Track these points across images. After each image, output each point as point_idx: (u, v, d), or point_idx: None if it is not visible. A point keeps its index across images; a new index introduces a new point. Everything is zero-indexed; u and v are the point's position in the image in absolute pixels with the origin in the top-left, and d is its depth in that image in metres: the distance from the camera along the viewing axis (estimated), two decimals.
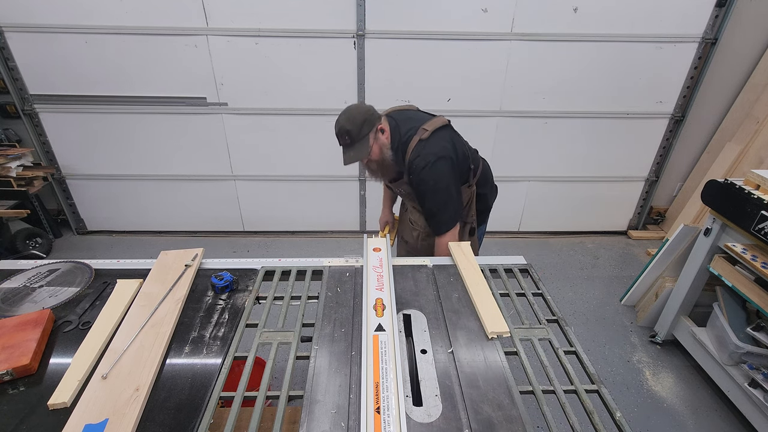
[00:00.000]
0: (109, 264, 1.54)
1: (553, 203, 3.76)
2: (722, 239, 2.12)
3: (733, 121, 3.38)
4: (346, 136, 1.61)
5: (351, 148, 1.64)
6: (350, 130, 1.60)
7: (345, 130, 1.60)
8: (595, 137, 3.47)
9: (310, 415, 0.96)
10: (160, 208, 3.66)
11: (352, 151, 1.64)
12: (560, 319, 1.33)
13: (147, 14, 2.87)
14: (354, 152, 1.64)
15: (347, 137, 1.61)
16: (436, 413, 0.97)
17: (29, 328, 1.16)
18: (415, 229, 1.98)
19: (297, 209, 3.71)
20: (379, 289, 1.32)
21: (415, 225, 1.97)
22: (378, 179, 1.83)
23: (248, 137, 3.36)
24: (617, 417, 1.00)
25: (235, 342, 1.18)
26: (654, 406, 2.22)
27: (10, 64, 3.00)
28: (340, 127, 1.61)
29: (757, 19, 3.10)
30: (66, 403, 0.98)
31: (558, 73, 3.18)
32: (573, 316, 2.87)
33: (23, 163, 3.20)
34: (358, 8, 2.90)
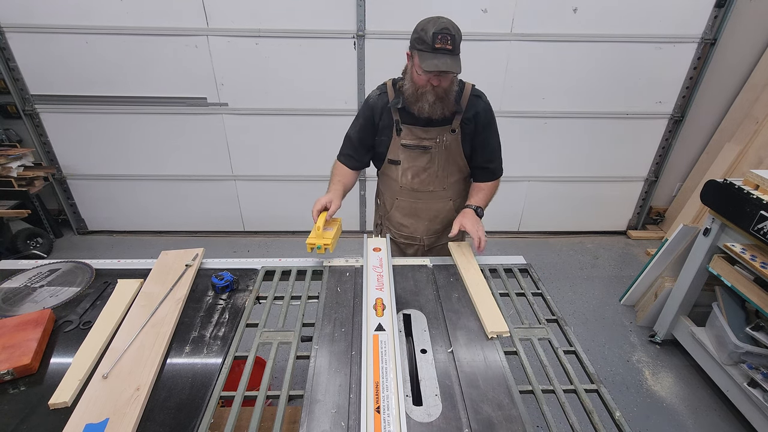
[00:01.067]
0: (110, 264, 1.54)
1: (553, 203, 3.76)
2: (721, 239, 2.12)
3: (733, 122, 3.38)
4: (449, 39, 1.34)
5: (450, 55, 1.36)
6: (455, 36, 1.35)
7: (451, 34, 1.34)
8: (594, 137, 3.47)
9: (310, 414, 0.97)
10: (161, 208, 3.67)
11: (451, 59, 1.36)
12: (560, 319, 1.33)
13: (147, 14, 2.87)
14: (453, 61, 1.36)
15: (450, 41, 1.34)
16: (436, 413, 0.97)
17: (30, 328, 1.16)
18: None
19: (297, 209, 3.71)
20: (379, 289, 1.33)
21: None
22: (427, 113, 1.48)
23: (248, 137, 3.36)
24: (617, 416, 1.00)
25: (235, 342, 1.18)
26: (653, 406, 2.22)
27: (11, 65, 3.00)
28: (445, 27, 1.34)
29: (756, 20, 3.10)
30: (67, 403, 0.99)
31: (558, 73, 3.18)
32: (573, 316, 2.87)
33: (24, 163, 3.20)
34: (358, 8, 2.90)
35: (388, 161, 1.67)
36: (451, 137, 1.59)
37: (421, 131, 1.57)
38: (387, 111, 1.59)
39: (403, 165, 1.64)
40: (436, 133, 1.57)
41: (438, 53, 1.34)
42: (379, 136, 1.64)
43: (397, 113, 1.58)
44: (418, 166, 1.63)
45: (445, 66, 1.34)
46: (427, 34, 1.34)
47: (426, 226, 1.77)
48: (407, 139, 1.59)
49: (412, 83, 1.47)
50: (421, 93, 1.45)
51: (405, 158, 1.63)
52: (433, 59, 1.35)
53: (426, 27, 1.36)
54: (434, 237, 1.82)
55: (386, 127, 1.61)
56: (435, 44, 1.34)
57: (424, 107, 1.47)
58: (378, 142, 1.65)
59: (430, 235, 1.80)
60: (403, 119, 1.58)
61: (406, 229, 1.80)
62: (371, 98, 1.62)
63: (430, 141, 1.58)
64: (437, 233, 1.81)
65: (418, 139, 1.59)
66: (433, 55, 1.35)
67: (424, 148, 1.59)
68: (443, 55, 1.35)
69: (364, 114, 1.64)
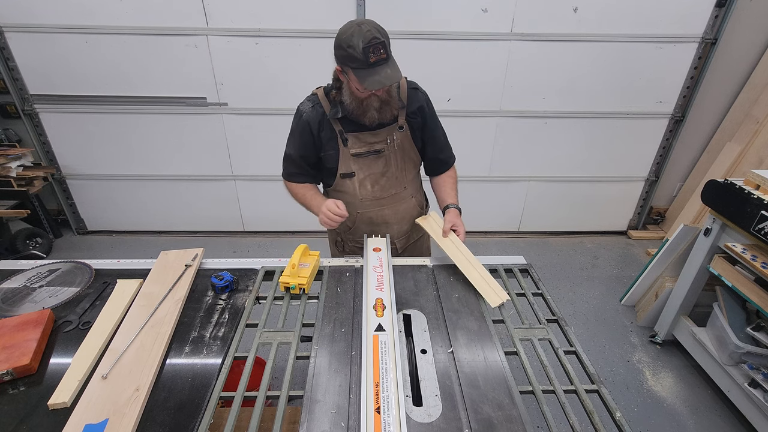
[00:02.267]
0: (110, 264, 1.54)
1: (553, 203, 3.76)
2: (722, 239, 2.12)
3: (733, 121, 3.38)
4: (381, 49, 1.24)
5: (388, 65, 1.26)
6: (385, 42, 1.25)
7: (380, 41, 1.23)
8: (595, 137, 3.47)
9: (310, 415, 0.96)
10: (161, 208, 3.66)
11: (390, 68, 1.26)
12: (560, 319, 1.33)
13: (147, 14, 2.87)
14: (393, 70, 1.27)
15: (383, 49, 1.24)
16: (436, 413, 0.97)
17: (29, 328, 1.16)
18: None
19: (297, 209, 3.69)
20: (379, 289, 1.32)
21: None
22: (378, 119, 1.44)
23: (248, 137, 3.36)
24: (617, 417, 1.00)
25: (235, 342, 1.18)
26: (654, 406, 2.22)
27: (11, 64, 3.00)
28: (374, 37, 1.23)
29: (756, 19, 3.09)
30: (66, 403, 0.98)
31: (558, 73, 3.18)
32: (573, 316, 2.87)
33: (23, 163, 3.20)
34: (358, 8, 2.90)
35: (341, 176, 1.56)
36: (401, 134, 1.53)
37: (369, 136, 1.50)
38: (326, 123, 1.49)
39: (358, 176, 1.55)
40: (386, 134, 1.51)
41: (375, 66, 1.26)
42: (325, 150, 1.53)
43: (338, 123, 1.48)
44: (375, 172, 1.56)
45: (388, 80, 1.26)
46: (357, 49, 1.23)
47: (395, 229, 1.72)
48: (356, 147, 1.50)
49: (354, 98, 1.39)
50: (367, 104, 1.39)
51: (359, 168, 1.54)
52: (373, 76, 1.26)
53: (352, 42, 1.24)
54: (404, 237, 1.78)
55: (330, 139, 1.50)
56: (369, 59, 1.24)
57: (374, 115, 1.42)
58: (325, 157, 1.54)
59: (401, 237, 1.76)
60: (347, 128, 1.48)
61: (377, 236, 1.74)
62: (304, 112, 1.50)
63: (381, 144, 1.51)
64: (406, 233, 1.78)
65: (368, 145, 1.51)
66: (372, 71, 1.26)
67: (378, 152, 1.52)
68: (381, 66, 1.26)
69: (300, 130, 1.52)
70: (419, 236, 1.84)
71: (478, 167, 3.55)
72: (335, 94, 1.47)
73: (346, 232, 1.77)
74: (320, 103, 1.51)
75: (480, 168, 3.56)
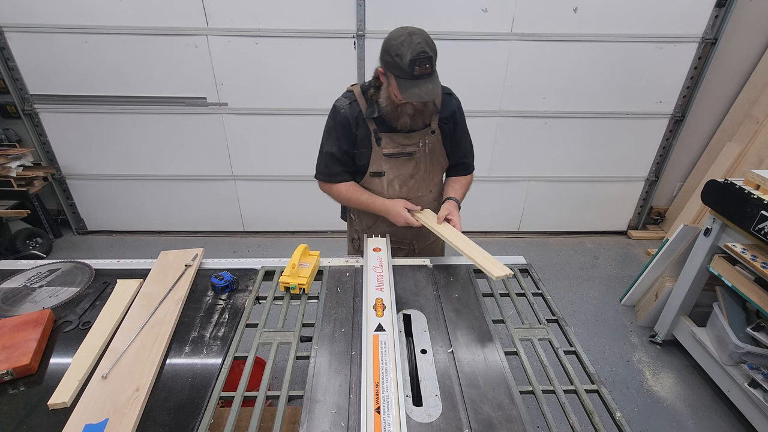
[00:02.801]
0: (109, 264, 1.54)
1: (553, 203, 3.76)
2: (722, 239, 2.12)
3: (733, 121, 3.38)
4: (428, 63, 1.26)
5: (431, 79, 1.29)
6: (432, 57, 1.27)
7: (428, 56, 1.25)
8: (595, 137, 3.47)
9: (310, 415, 0.96)
10: (160, 208, 3.66)
11: (432, 83, 1.29)
12: (560, 319, 1.33)
13: (147, 14, 2.87)
14: (434, 86, 1.30)
15: (429, 64, 1.26)
16: (436, 413, 0.97)
17: (29, 328, 1.16)
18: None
19: (297, 209, 3.71)
20: (379, 289, 1.32)
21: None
22: (410, 126, 1.47)
23: (248, 137, 3.36)
24: (617, 417, 1.00)
25: (235, 342, 1.18)
26: (654, 406, 2.22)
27: (10, 64, 3.00)
28: (423, 51, 1.24)
29: (756, 20, 3.09)
30: (66, 403, 0.98)
31: (558, 73, 3.18)
32: (573, 316, 2.87)
33: (23, 163, 3.20)
34: (358, 8, 2.90)
35: (371, 174, 1.58)
36: (433, 139, 1.56)
37: (402, 137, 1.52)
38: (362, 121, 1.50)
39: (388, 176, 1.57)
40: (418, 138, 1.53)
41: (418, 80, 1.28)
42: (358, 148, 1.54)
43: (373, 123, 1.49)
44: (405, 174, 1.58)
45: (428, 95, 1.29)
46: (404, 60, 1.25)
47: (414, 231, 1.70)
48: (389, 147, 1.52)
49: (390, 101, 1.41)
50: (401, 110, 1.42)
51: (389, 168, 1.56)
52: (414, 88, 1.28)
53: (401, 51, 1.26)
54: (423, 238, 1.78)
55: (364, 138, 1.52)
56: (414, 72, 1.26)
57: (406, 121, 1.45)
58: (357, 155, 1.55)
59: (420, 238, 1.77)
60: (381, 128, 1.50)
61: (395, 236, 1.73)
62: (341, 108, 1.50)
63: (413, 146, 1.54)
64: (425, 234, 1.74)
65: (400, 146, 1.53)
66: (413, 83, 1.28)
67: (409, 155, 1.55)
68: (424, 81, 1.28)
69: (340, 126, 1.52)
70: (436, 238, 1.80)
71: (478, 167, 3.46)
72: (373, 93, 1.47)
73: (362, 230, 1.77)
74: (357, 100, 1.51)
75: (480, 168, 3.51)
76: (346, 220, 1.90)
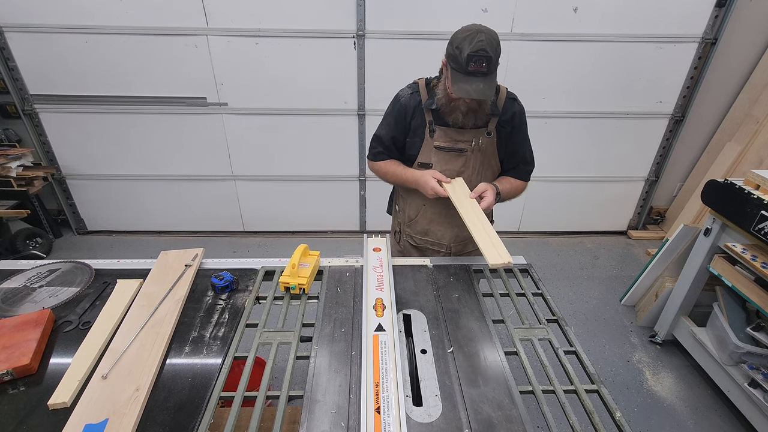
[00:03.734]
0: (109, 264, 1.54)
1: (553, 203, 3.76)
2: (722, 239, 2.12)
3: (733, 121, 3.38)
4: (484, 62, 1.26)
5: (485, 80, 1.29)
6: (492, 58, 1.27)
7: (487, 55, 1.25)
8: (595, 137, 3.47)
9: (310, 415, 0.96)
10: (160, 208, 3.66)
11: (484, 84, 1.29)
12: (560, 319, 1.33)
13: (147, 14, 2.87)
14: (486, 87, 1.29)
15: (486, 64, 1.26)
16: (436, 413, 0.97)
17: (29, 328, 1.16)
18: None
19: (297, 209, 3.71)
20: (379, 289, 1.32)
21: None
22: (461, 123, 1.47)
23: (248, 137, 3.36)
24: (617, 417, 1.00)
25: (235, 342, 1.18)
26: (654, 406, 2.22)
27: (10, 64, 3.00)
28: (481, 48, 1.25)
29: (756, 20, 3.10)
30: (66, 403, 0.98)
31: (558, 73, 3.18)
32: (573, 316, 2.87)
33: (23, 163, 3.20)
34: (358, 8, 2.90)
35: (419, 164, 1.58)
36: (487, 140, 1.54)
37: (455, 133, 1.51)
38: (419, 111, 1.52)
39: (435, 169, 1.56)
40: (472, 136, 1.51)
41: (471, 77, 1.28)
42: (411, 137, 1.56)
43: (431, 114, 1.50)
44: (452, 169, 1.56)
45: (476, 94, 1.29)
46: (462, 53, 1.26)
47: (454, 233, 1.68)
48: (441, 141, 1.53)
49: (445, 94, 1.42)
50: (455, 105, 1.43)
51: (437, 161, 1.56)
52: (464, 84, 1.29)
53: (461, 45, 1.27)
54: (461, 245, 1.73)
55: (419, 127, 1.54)
56: (468, 67, 1.27)
57: (458, 118, 1.45)
58: (409, 143, 1.57)
59: (458, 242, 1.71)
60: (437, 120, 1.51)
61: (433, 236, 1.70)
62: (402, 97, 1.54)
63: (465, 143, 1.53)
64: (464, 241, 1.71)
65: (452, 141, 1.52)
66: (466, 79, 1.29)
67: (460, 151, 1.53)
68: (476, 79, 1.28)
69: (396, 113, 1.55)
70: (475, 248, 1.73)
71: None
72: (435, 83, 1.50)
73: (404, 223, 1.76)
74: (419, 91, 1.53)
75: None
76: (391, 213, 1.89)
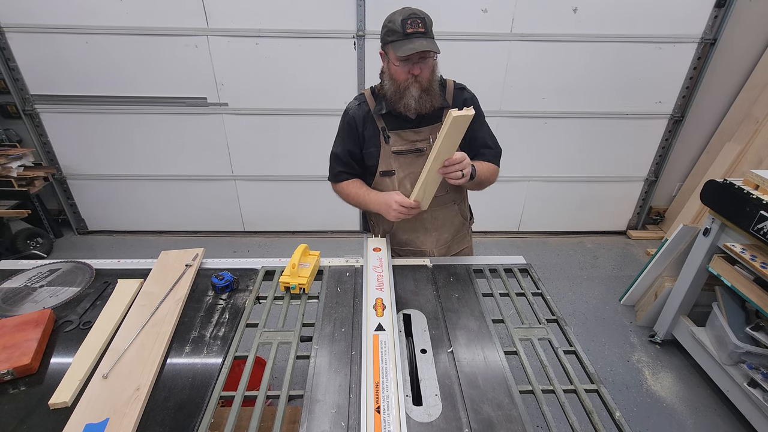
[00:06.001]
0: (110, 264, 1.54)
1: (552, 203, 3.76)
2: (721, 239, 2.12)
3: (733, 121, 3.38)
4: (419, 22, 1.30)
5: (425, 37, 1.31)
6: (425, 19, 1.32)
7: (420, 17, 1.31)
8: (594, 137, 3.47)
9: (310, 414, 0.97)
10: (161, 208, 3.67)
11: (426, 40, 1.30)
12: (560, 319, 1.33)
13: (147, 14, 2.87)
14: (429, 42, 1.30)
15: (422, 24, 1.30)
16: (436, 413, 0.97)
17: (30, 328, 1.16)
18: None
19: (297, 209, 3.72)
20: (379, 288, 1.33)
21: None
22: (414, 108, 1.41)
23: (248, 137, 3.36)
24: (617, 416, 1.00)
25: (235, 342, 1.18)
26: (653, 406, 2.22)
27: (11, 65, 3.00)
28: (413, 12, 1.31)
29: (756, 20, 3.10)
30: (67, 403, 0.99)
31: (558, 73, 3.18)
32: (572, 315, 2.87)
33: (24, 163, 3.20)
34: (358, 8, 2.90)
35: (380, 174, 1.54)
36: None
37: (411, 134, 1.49)
38: (370, 120, 1.50)
39: (398, 175, 1.53)
40: (428, 133, 1.49)
41: (411, 37, 1.30)
42: (366, 147, 1.53)
43: (382, 120, 1.49)
44: (416, 171, 1.48)
45: (421, 46, 1.28)
46: (396, 23, 1.31)
47: (435, 237, 1.65)
48: (398, 145, 1.50)
49: (393, 81, 1.40)
50: (404, 88, 1.38)
51: (399, 166, 1.52)
52: (407, 44, 1.29)
53: (393, 18, 1.34)
54: (445, 248, 1.70)
55: (372, 137, 1.51)
56: (406, 30, 1.30)
57: (410, 103, 1.40)
58: (366, 154, 1.54)
59: (440, 246, 1.68)
60: (390, 125, 1.49)
61: (413, 245, 1.66)
62: (350, 109, 1.53)
63: (423, 142, 1.50)
64: (447, 243, 1.69)
65: (409, 143, 1.50)
66: (407, 41, 1.30)
67: (419, 151, 1.50)
68: (417, 38, 1.30)
69: (346, 127, 1.54)
70: (461, 249, 1.76)
71: None
72: (380, 88, 1.49)
73: (384, 236, 1.71)
74: (366, 101, 1.53)
75: None
76: (368, 230, 1.81)
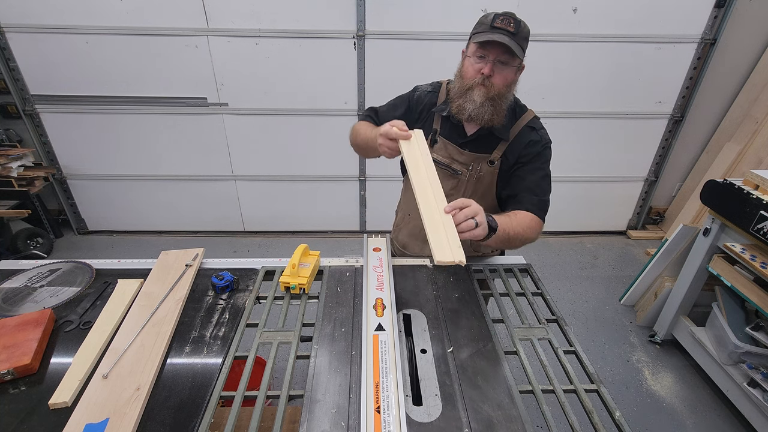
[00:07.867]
0: (110, 264, 1.54)
1: (552, 203, 3.72)
2: (721, 239, 2.12)
3: (732, 121, 3.38)
4: (511, 22, 1.22)
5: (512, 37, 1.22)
6: (520, 23, 1.24)
7: (515, 19, 1.24)
8: (594, 137, 3.47)
9: (310, 414, 0.97)
10: (161, 208, 3.67)
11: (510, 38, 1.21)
12: (560, 319, 1.33)
13: (147, 15, 2.88)
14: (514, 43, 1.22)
15: (514, 25, 1.22)
16: (436, 413, 0.97)
17: (30, 328, 1.16)
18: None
19: (297, 209, 3.72)
20: (379, 288, 1.33)
21: None
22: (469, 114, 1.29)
23: (249, 137, 3.36)
24: (617, 416, 1.00)
25: (235, 342, 1.18)
26: (653, 406, 2.22)
27: (11, 65, 3.00)
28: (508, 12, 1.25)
29: (756, 20, 3.10)
30: (67, 403, 0.98)
31: (557, 73, 3.18)
32: (572, 315, 2.87)
33: (24, 163, 3.21)
34: (358, 8, 2.90)
35: (402, 166, 1.49)
36: (488, 169, 1.38)
37: (456, 151, 1.38)
38: (430, 115, 1.42)
39: None
40: (472, 159, 1.38)
41: (496, 31, 1.20)
42: None
43: (439, 122, 1.41)
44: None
45: (501, 39, 1.17)
46: (487, 18, 1.24)
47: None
48: (439, 153, 1.41)
49: (460, 78, 1.32)
50: (468, 87, 1.28)
51: None
52: (489, 34, 1.20)
53: (487, 14, 1.26)
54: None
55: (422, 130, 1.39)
56: (494, 24, 1.21)
57: (467, 106, 1.27)
58: None
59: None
60: (443, 131, 1.41)
61: (411, 250, 1.62)
62: (420, 91, 1.45)
63: (461, 166, 1.39)
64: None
65: (449, 159, 1.40)
66: (491, 32, 1.20)
67: (454, 172, 1.40)
68: (501, 33, 1.19)
69: (405, 101, 1.46)
70: None
71: None
72: (450, 86, 1.39)
73: (396, 224, 1.68)
74: (438, 91, 1.45)
75: None
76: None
